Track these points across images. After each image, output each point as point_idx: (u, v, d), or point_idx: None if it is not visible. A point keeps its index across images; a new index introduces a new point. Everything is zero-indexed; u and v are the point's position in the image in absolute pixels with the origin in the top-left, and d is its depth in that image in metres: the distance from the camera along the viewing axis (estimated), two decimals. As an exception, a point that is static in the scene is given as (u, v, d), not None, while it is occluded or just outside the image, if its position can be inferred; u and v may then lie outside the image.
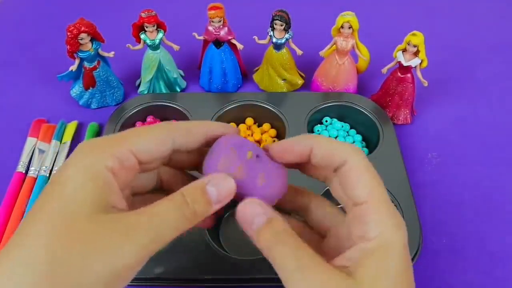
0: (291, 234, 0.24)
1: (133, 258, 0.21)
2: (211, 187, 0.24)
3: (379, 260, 0.22)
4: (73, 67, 0.55)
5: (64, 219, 0.21)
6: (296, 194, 0.28)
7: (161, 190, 0.30)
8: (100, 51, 0.56)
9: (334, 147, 0.25)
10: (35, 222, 0.21)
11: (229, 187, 0.25)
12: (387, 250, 0.23)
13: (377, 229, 0.23)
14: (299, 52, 0.58)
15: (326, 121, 0.57)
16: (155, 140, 0.25)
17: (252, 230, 0.24)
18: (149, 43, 0.56)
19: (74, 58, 0.55)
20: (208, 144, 0.27)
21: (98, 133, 0.57)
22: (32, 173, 0.51)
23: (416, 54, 0.52)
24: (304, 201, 0.27)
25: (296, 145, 0.27)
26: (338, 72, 0.58)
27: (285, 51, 0.58)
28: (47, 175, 0.51)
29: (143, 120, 0.57)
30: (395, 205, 0.45)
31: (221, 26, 0.56)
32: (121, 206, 0.23)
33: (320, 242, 0.28)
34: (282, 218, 0.25)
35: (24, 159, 0.52)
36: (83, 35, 0.52)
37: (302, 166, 0.28)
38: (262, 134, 0.56)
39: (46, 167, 0.52)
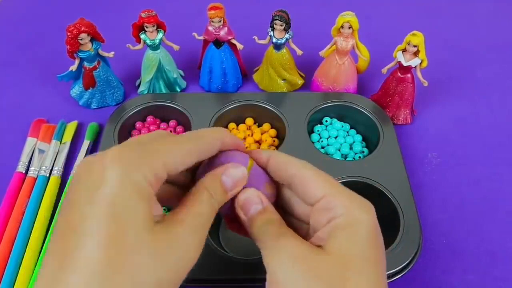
0: (277, 221, 0.27)
1: (189, 264, 0.24)
2: (226, 178, 0.26)
3: (347, 234, 0.25)
4: (73, 67, 0.55)
5: (117, 230, 0.20)
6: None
7: None
8: (100, 51, 0.56)
9: (286, 161, 0.29)
10: (85, 230, 0.20)
11: (242, 175, 0.27)
12: (355, 225, 0.25)
13: (343, 209, 0.25)
14: (299, 52, 0.58)
15: (326, 121, 0.57)
16: (185, 153, 0.25)
17: (247, 216, 0.27)
18: (149, 43, 0.56)
19: (74, 58, 0.55)
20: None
21: (98, 133, 0.57)
22: (32, 173, 0.51)
23: (416, 54, 0.52)
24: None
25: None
26: (338, 72, 0.58)
27: (285, 51, 0.58)
28: (47, 175, 0.51)
29: (143, 120, 0.57)
30: (395, 205, 0.45)
31: (221, 26, 0.56)
32: (160, 212, 0.24)
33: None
34: (273, 209, 0.27)
35: (24, 159, 0.52)
36: (83, 35, 0.52)
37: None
38: (262, 134, 0.56)
39: (46, 167, 0.52)
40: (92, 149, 0.55)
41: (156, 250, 0.21)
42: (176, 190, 0.29)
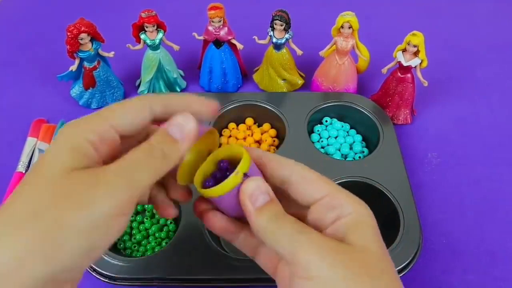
0: (287, 214, 0.26)
1: (111, 207, 0.22)
2: (172, 127, 0.26)
3: (362, 230, 0.25)
4: (73, 67, 0.55)
5: (44, 180, 0.22)
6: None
7: None
8: (100, 51, 0.56)
9: (280, 163, 0.28)
10: (21, 187, 0.22)
11: (190, 126, 0.26)
12: (365, 222, 0.25)
13: (350, 207, 0.26)
14: (299, 52, 0.58)
15: (326, 121, 0.57)
16: (132, 111, 0.25)
17: (254, 206, 0.25)
18: (149, 43, 0.56)
19: (74, 58, 0.55)
20: None
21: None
22: (32, 173, 0.51)
23: (416, 54, 0.52)
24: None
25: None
26: (338, 72, 0.58)
27: (285, 51, 0.58)
28: (47, 175, 0.51)
29: (143, 120, 0.57)
30: (395, 205, 0.45)
31: (221, 26, 0.56)
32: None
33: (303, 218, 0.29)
34: (279, 202, 0.27)
35: (24, 159, 0.53)
36: (83, 35, 0.52)
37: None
38: (262, 134, 0.56)
39: (46, 167, 0.52)
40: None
41: (65, 191, 0.22)
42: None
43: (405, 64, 0.53)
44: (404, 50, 0.53)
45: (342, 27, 0.54)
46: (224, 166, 0.28)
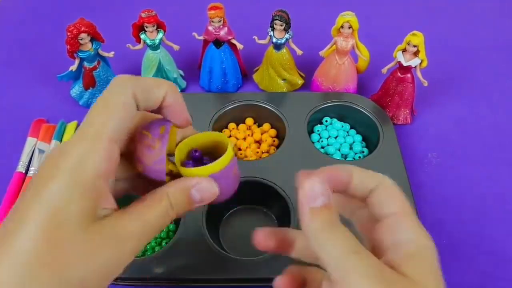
0: (342, 225, 0.24)
1: (121, 266, 0.23)
2: (196, 193, 0.25)
3: (421, 261, 0.23)
4: (73, 67, 0.55)
5: (53, 226, 0.21)
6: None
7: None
8: (100, 51, 0.56)
9: (369, 175, 0.26)
10: (25, 220, 0.21)
11: (213, 193, 0.26)
12: (425, 254, 0.24)
13: (413, 235, 0.24)
14: (299, 52, 0.58)
15: (326, 121, 0.57)
16: (122, 115, 0.23)
17: (310, 207, 0.23)
18: (149, 43, 0.56)
19: (74, 58, 0.55)
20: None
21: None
22: (32, 173, 0.51)
23: (416, 54, 0.52)
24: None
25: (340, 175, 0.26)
26: (338, 72, 0.58)
27: (285, 51, 0.58)
28: (47, 175, 0.51)
29: (143, 120, 0.57)
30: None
31: (221, 26, 0.56)
32: (110, 205, 0.23)
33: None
34: (338, 211, 0.25)
35: (24, 159, 0.53)
36: (83, 35, 0.52)
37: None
38: (262, 134, 0.56)
39: (46, 167, 0.52)
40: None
41: (86, 250, 0.21)
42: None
43: (405, 64, 0.53)
44: (404, 50, 0.53)
45: (342, 27, 0.54)
46: (198, 155, 0.27)
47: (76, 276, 0.21)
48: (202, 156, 0.28)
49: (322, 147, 0.54)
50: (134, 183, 0.28)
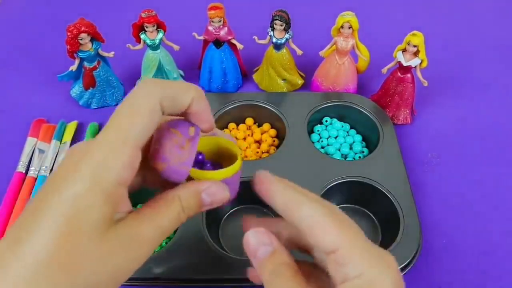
0: (291, 267, 0.24)
1: (133, 270, 0.24)
2: (206, 196, 0.25)
3: None
4: (73, 67, 0.55)
5: (71, 229, 0.21)
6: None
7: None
8: (100, 51, 0.56)
9: (294, 199, 0.25)
10: (42, 221, 0.21)
11: (223, 198, 0.26)
12: (375, 285, 0.22)
13: (358, 270, 0.22)
14: (299, 52, 0.58)
15: (326, 121, 0.57)
16: (146, 120, 0.23)
17: (256, 259, 0.25)
18: (149, 43, 0.56)
19: (74, 58, 0.55)
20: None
21: (98, 133, 0.57)
22: (32, 173, 0.51)
23: (416, 54, 0.52)
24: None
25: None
26: (338, 72, 0.58)
27: (285, 51, 0.58)
28: (47, 175, 0.51)
29: (143, 120, 0.57)
30: (395, 205, 0.45)
31: (221, 26, 0.56)
32: (127, 209, 0.24)
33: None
34: (286, 251, 0.25)
35: (24, 159, 0.53)
36: (83, 35, 0.52)
37: None
38: (262, 134, 0.56)
39: (46, 167, 0.52)
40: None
41: (101, 255, 0.21)
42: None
43: (405, 64, 0.53)
44: (404, 50, 0.53)
45: (342, 27, 0.54)
46: (201, 159, 0.27)
47: (91, 280, 0.21)
48: (205, 159, 0.27)
49: (322, 147, 0.54)
50: (147, 177, 0.28)
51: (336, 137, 0.55)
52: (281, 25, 0.54)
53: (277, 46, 0.57)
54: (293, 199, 0.25)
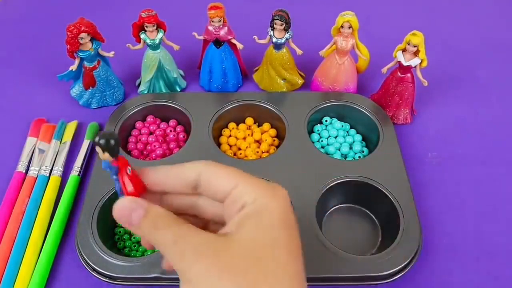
0: (169, 215, 0.25)
1: None
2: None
3: (255, 221, 0.24)
4: (73, 67, 0.55)
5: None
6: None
7: None
8: (100, 51, 0.56)
9: (187, 167, 0.27)
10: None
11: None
12: (262, 212, 0.24)
13: (251, 198, 0.25)
14: (299, 52, 0.58)
15: (326, 120, 0.57)
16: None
17: (133, 226, 0.25)
18: (149, 43, 0.56)
19: (74, 58, 0.55)
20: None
21: (98, 132, 0.57)
22: (32, 172, 0.51)
23: (416, 54, 0.52)
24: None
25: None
26: (338, 72, 0.58)
27: (285, 51, 0.58)
28: (47, 174, 0.51)
29: (143, 120, 0.57)
30: (395, 205, 0.45)
31: (221, 26, 0.56)
32: None
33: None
34: (160, 207, 0.25)
35: (24, 158, 0.53)
36: (83, 34, 0.52)
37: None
38: (262, 134, 0.56)
39: (46, 166, 0.52)
40: (92, 149, 0.55)
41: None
42: None
43: (405, 63, 0.53)
44: (404, 50, 0.53)
45: (342, 26, 0.54)
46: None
47: None
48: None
49: (322, 147, 0.54)
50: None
51: (336, 137, 0.55)
52: (281, 25, 0.54)
53: (277, 46, 0.57)
54: (179, 169, 0.27)
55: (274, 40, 0.56)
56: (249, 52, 0.61)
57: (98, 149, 0.25)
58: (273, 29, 0.55)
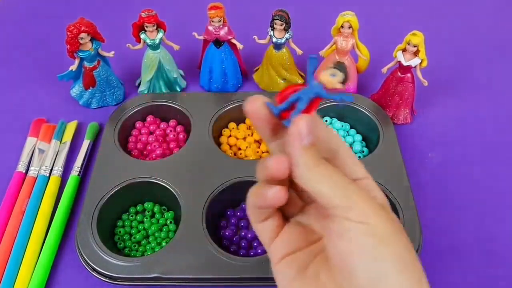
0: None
1: None
2: None
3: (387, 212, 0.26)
4: (73, 67, 0.55)
5: None
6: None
7: None
8: (100, 51, 0.56)
9: (332, 135, 0.29)
10: None
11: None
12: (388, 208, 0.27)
13: (381, 196, 0.28)
14: (299, 51, 0.58)
15: (326, 121, 0.57)
16: None
17: (301, 143, 0.24)
18: (149, 43, 0.56)
19: (74, 58, 0.55)
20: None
21: (98, 132, 0.57)
22: (32, 172, 0.51)
23: (416, 53, 0.52)
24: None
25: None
26: (338, 72, 0.58)
27: (285, 51, 0.58)
28: (47, 174, 0.51)
29: (143, 120, 0.57)
30: (395, 205, 0.45)
31: (221, 26, 0.56)
32: None
33: None
34: None
35: (24, 158, 0.53)
36: (83, 34, 0.52)
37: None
38: (262, 134, 0.56)
39: (46, 166, 0.52)
40: (92, 149, 0.55)
41: None
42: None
43: (405, 63, 0.53)
44: (404, 50, 0.53)
45: (342, 26, 0.54)
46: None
47: None
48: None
49: (322, 147, 0.54)
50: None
51: (336, 137, 0.55)
52: (281, 25, 0.54)
53: (277, 46, 0.57)
54: (332, 133, 0.29)
55: (274, 40, 0.56)
56: (249, 52, 0.61)
57: (333, 71, 0.25)
58: (273, 29, 0.55)
